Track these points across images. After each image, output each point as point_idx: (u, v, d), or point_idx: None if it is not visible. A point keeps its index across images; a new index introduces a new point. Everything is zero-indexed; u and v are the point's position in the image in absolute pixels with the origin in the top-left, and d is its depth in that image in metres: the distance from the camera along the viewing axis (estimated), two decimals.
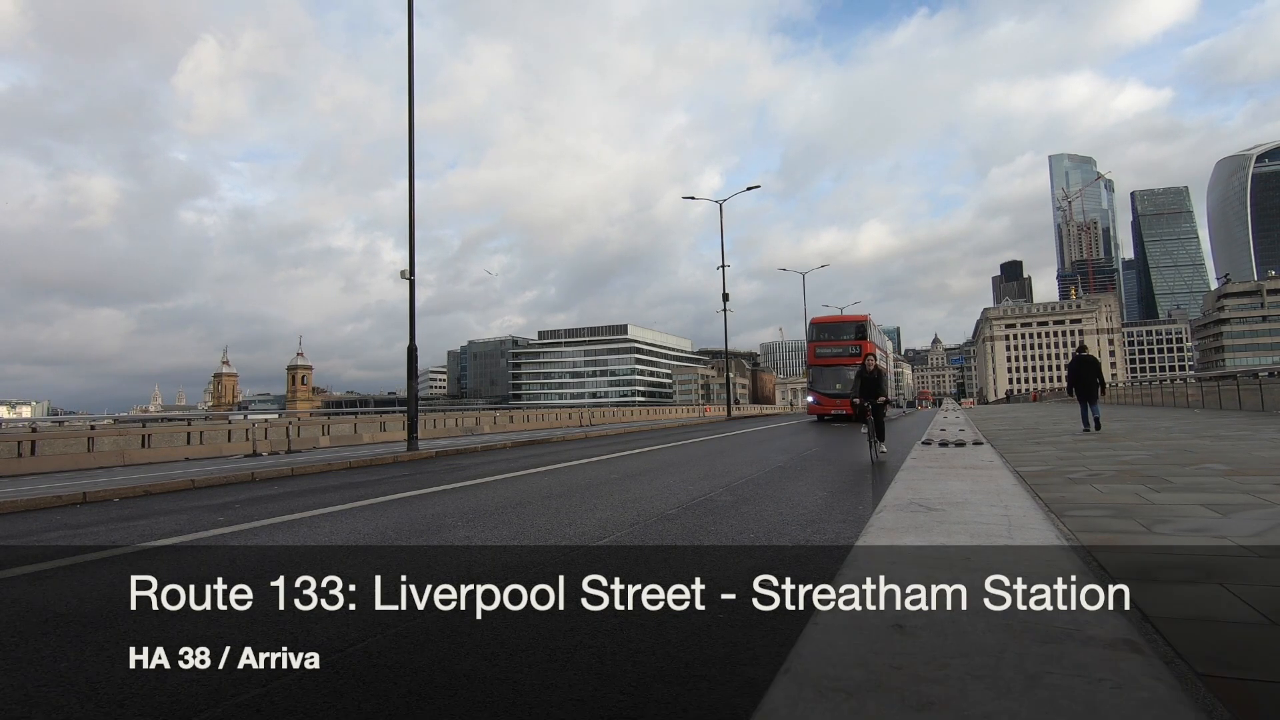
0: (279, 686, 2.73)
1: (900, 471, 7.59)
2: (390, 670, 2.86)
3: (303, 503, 8.22)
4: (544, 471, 10.72)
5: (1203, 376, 32.65)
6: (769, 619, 3.39)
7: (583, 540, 5.29)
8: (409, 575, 4.50)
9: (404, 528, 6.19)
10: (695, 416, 48.86)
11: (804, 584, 3.96)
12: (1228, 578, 3.13)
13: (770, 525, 5.94)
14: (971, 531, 4.08)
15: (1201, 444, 9.83)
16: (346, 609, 3.72)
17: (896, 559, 3.48)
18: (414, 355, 15.62)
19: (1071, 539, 4.00)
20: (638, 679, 2.68)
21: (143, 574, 4.69)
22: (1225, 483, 5.94)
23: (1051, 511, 4.88)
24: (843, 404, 24.13)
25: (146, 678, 2.85)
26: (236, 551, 5.38)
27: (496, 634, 3.26)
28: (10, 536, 6.53)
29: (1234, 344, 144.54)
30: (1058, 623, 2.46)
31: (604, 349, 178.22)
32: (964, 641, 2.32)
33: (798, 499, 7.41)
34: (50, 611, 3.85)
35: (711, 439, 18.17)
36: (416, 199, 16.04)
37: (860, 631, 2.44)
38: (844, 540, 5.06)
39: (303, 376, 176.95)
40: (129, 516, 7.60)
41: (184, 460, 16.19)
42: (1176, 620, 2.63)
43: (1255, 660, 2.25)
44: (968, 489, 5.89)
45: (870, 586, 3.01)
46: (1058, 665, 2.10)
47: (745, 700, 2.39)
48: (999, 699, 1.90)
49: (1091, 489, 5.95)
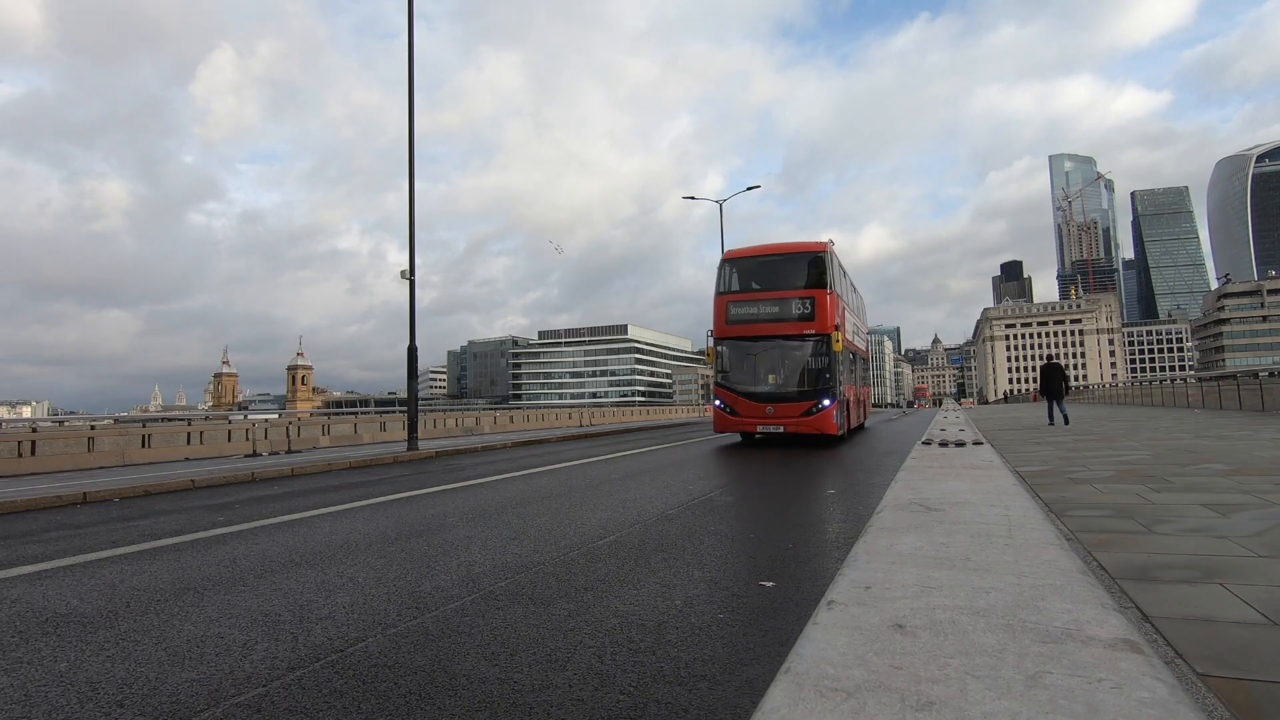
0: (279, 686, 2.72)
1: (900, 471, 7.58)
2: (390, 670, 2.86)
3: (303, 503, 8.21)
4: (544, 471, 10.71)
5: (1203, 376, 32.62)
6: (769, 619, 3.39)
7: (583, 540, 5.29)
8: (409, 575, 4.51)
9: (404, 527, 6.19)
10: (695, 416, 48.94)
11: (804, 583, 3.96)
12: (1228, 578, 3.13)
13: (770, 525, 5.93)
14: (971, 531, 4.08)
15: (1201, 444, 9.83)
16: (347, 609, 3.72)
17: (896, 559, 3.48)
18: (414, 356, 15.60)
19: (1072, 539, 3.99)
20: (638, 679, 2.68)
21: (143, 574, 4.70)
22: (1225, 483, 5.94)
23: (1052, 511, 4.88)
24: (786, 411, 14.56)
25: (146, 678, 2.85)
26: (237, 552, 5.38)
27: (496, 634, 3.26)
28: (10, 536, 6.53)
29: (1234, 344, 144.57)
30: (1058, 623, 2.46)
31: (604, 349, 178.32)
32: (964, 641, 2.32)
33: (796, 498, 7.41)
34: (50, 611, 3.85)
35: (710, 439, 18.16)
36: (422, 202, 16.04)
37: (860, 631, 2.44)
38: (844, 540, 5.06)
39: (303, 376, 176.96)
40: (129, 516, 7.60)
41: (184, 460, 16.18)
42: (1176, 620, 2.63)
43: (1255, 660, 2.25)
44: (968, 489, 5.89)
45: (870, 586, 3.01)
46: (1058, 665, 2.10)
47: (745, 700, 2.39)
48: (999, 699, 1.90)
49: (1092, 489, 5.95)
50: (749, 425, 15.11)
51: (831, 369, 14.43)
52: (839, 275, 15.99)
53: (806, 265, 15.08)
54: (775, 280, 15.46)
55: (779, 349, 14.90)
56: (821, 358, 14.48)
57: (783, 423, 14.51)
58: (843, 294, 16.20)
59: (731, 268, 15.84)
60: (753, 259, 15.99)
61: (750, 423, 15.03)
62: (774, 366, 14.99)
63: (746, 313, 15.28)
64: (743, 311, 15.31)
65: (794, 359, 14.85)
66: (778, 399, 14.67)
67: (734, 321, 15.31)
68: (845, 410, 15.85)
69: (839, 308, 15.21)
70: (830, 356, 14.39)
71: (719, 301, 15.54)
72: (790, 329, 14.72)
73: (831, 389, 14.41)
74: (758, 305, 15.25)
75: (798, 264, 15.25)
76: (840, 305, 15.43)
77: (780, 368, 14.94)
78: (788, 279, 15.22)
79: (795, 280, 15.10)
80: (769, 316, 15.02)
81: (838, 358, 14.59)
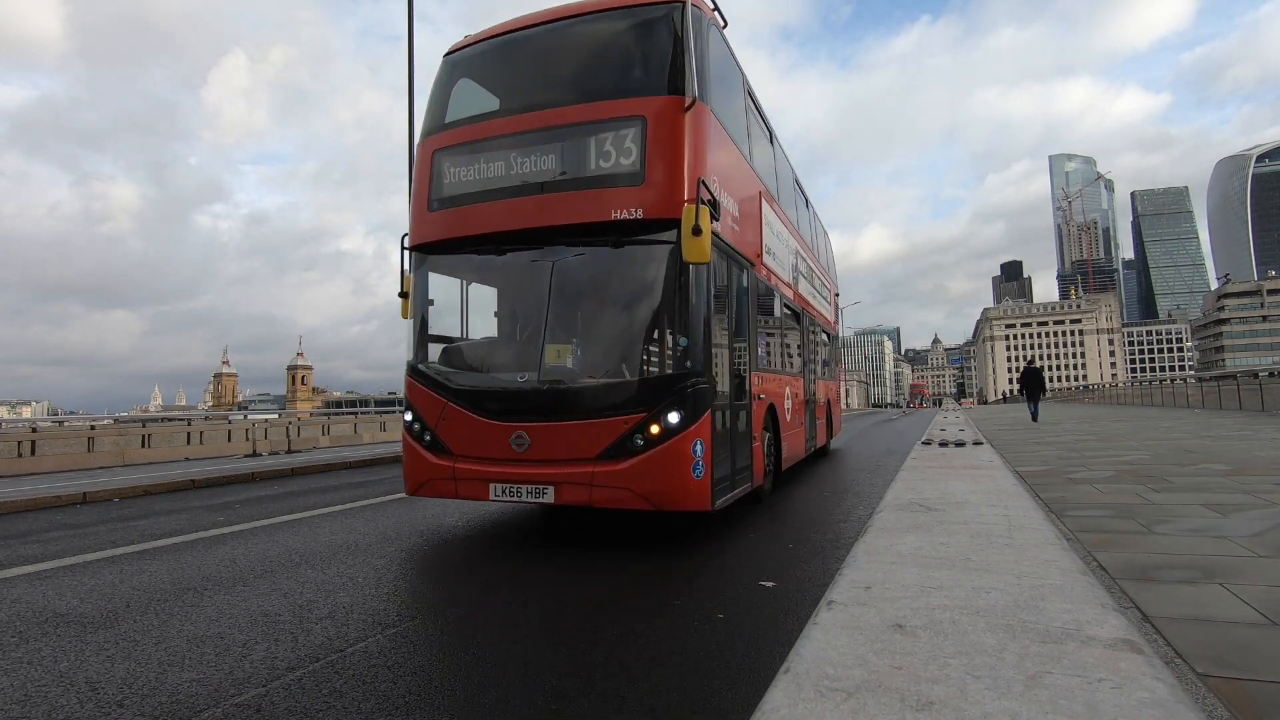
0: (279, 686, 2.72)
1: (900, 471, 7.59)
2: (390, 670, 2.86)
3: (303, 502, 8.22)
4: None
5: (1203, 376, 32.61)
6: (769, 619, 3.40)
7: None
8: (410, 575, 4.51)
9: (404, 527, 6.19)
10: None
11: (804, 583, 3.97)
12: (1228, 578, 3.13)
13: (769, 524, 5.93)
14: (971, 531, 4.08)
15: (1201, 444, 9.83)
16: (347, 609, 3.73)
17: (896, 559, 3.48)
18: None
19: (1072, 539, 4.00)
20: (643, 679, 2.68)
21: (143, 574, 4.70)
22: (1225, 483, 5.94)
23: (1052, 511, 4.88)
24: (559, 444, 5.09)
25: (146, 678, 2.85)
26: (237, 552, 5.38)
27: (496, 630, 3.26)
28: (10, 536, 6.53)
29: (1234, 344, 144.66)
30: (1058, 623, 2.46)
31: None
32: (964, 641, 2.32)
33: (797, 498, 7.41)
34: (50, 611, 3.85)
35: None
36: None
37: (860, 631, 2.44)
38: (844, 540, 5.06)
39: (303, 376, 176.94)
40: (129, 516, 7.60)
41: (184, 460, 16.18)
42: (1176, 620, 2.63)
43: (1255, 660, 2.25)
44: (968, 489, 5.89)
45: (870, 586, 3.01)
46: (1058, 665, 2.10)
47: (745, 700, 2.39)
48: (999, 699, 1.90)
49: (1092, 489, 5.95)
50: (475, 476, 5.46)
51: (694, 320, 5.17)
52: (728, 85, 6.78)
53: (629, 44, 5.98)
54: (551, 91, 6.07)
55: (548, 269, 5.61)
56: (665, 289, 5.21)
57: (552, 475, 5.18)
58: (742, 142, 6.96)
59: (458, 72, 6.52)
60: (507, 44, 6.41)
61: (477, 471, 5.46)
62: (535, 318, 5.73)
63: (479, 177, 5.91)
64: (470, 174, 5.96)
65: (588, 297, 5.83)
66: (538, 410, 5.32)
67: (448, 203, 6.01)
68: (742, 435, 6.15)
69: (714, 159, 5.67)
70: (689, 281, 5.15)
71: (423, 156, 6.27)
72: (578, 210, 5.39)
73: (692, 380, 5.08)
74: (507, 157, 5.79)
75: (603, 41, 6.09)
76: (729, 156, 6.30)
77: (553, 324, 5.60)
78: (577, 82, 6.01)
79: (595, 83, 5.93)
80: (529, 182, 5.67)
81: (713, 293, 5.44)
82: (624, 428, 4.87)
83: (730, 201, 6.03)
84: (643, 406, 4.87)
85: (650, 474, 4.78)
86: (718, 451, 5.16)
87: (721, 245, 5.63)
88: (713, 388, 5.14)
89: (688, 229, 4.75)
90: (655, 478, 4.79)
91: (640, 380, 5.04)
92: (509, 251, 5.61)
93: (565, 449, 5.01)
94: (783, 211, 8.95)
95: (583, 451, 4.95)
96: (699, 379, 4.96)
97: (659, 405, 4.85)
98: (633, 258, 5.27)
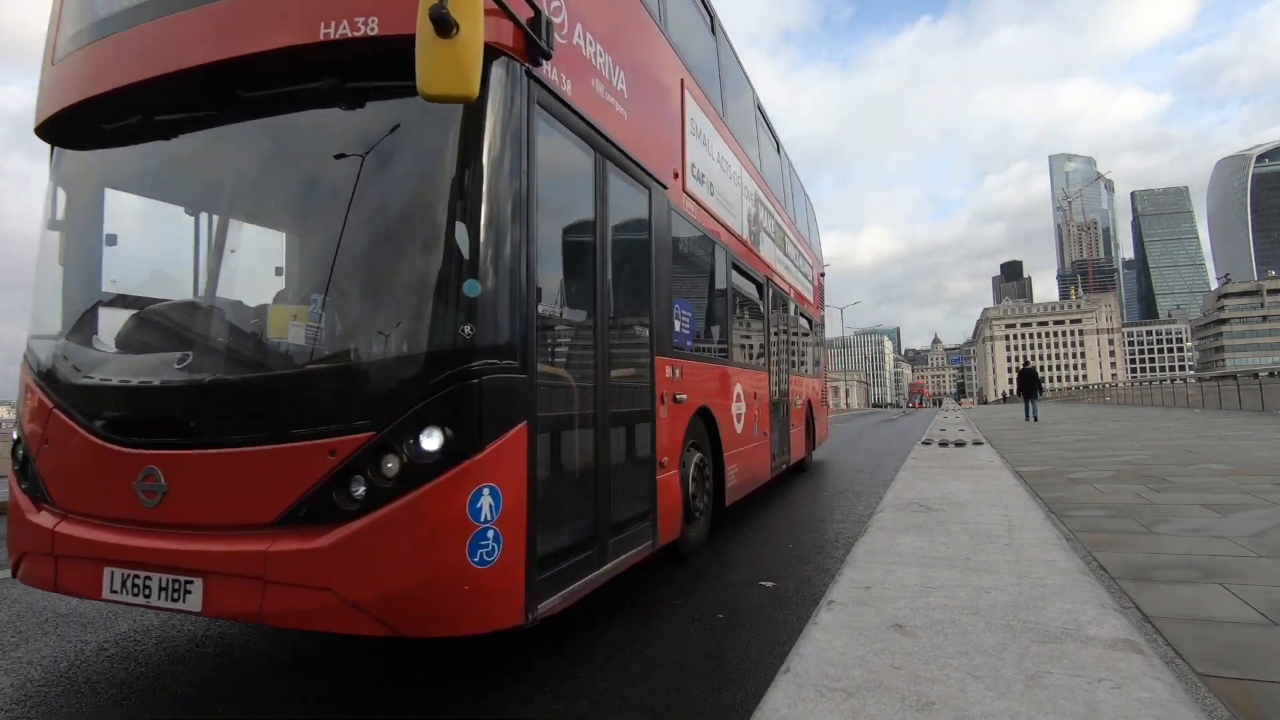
0: (279, 686, 2.72)
1: (900, 471, 7.59)
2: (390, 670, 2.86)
3: None
4: None
5: (1203, 376, 32.63)
6: (769, 619, 3.40)
7: None
8: None
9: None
10: None
11: (804, 583, 3.97)
12: (1228, 578, 3.13)
13: (769, 525, 5.93)
14: (971, 531, 4.09)
15: (1201, 444, 9.83)
16: None
17: (896, 559, 3.48)
18: None
19: (1072, 539, 4.00)
20: (643, 679, 2.68)
21: None
22: (1225, 483, 5.94)
23: (1052, 511, 4.88)
24: (202, 506, 2.57)
25: (147, 678, 2.85)
26: None
27: None
28: None
29: (1234, 344, 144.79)
30: (1058, 623, 2.47)
31: None
32: (964, 641, 2.32)
33: (796, 499, 7.41)
34: (50, 611, 3.85)
35: None
36: None
37: (860, 631, 2.44)
38: (844, 540, 5.06)
39: None
40: None
41: None
42: (1176, 620, 2.63)
43: (1255, 660, 2.25)
44: (968, 489, 5.90)
45: (870, 586, 3.01)
46: (1057, 665, 2.10)
47: (745, 700, 2.40)
48: (999, 699, 1.90)
49: (1091, 489, 5.95)
50: (82, 552, 2.74)
51: (488, 245, 2.53)
52: None
53: None
54: None
55: (221, 157, 3.07)
56: (432, 182, 2.68)
57: (199, 556, 2.53)
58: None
59: None
60: None
61: (86, 543, 2.73)
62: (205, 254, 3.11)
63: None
64: None
65: (285, 206, 3.30)
66: (183, 424, 2.69)
67: (73, 42, 3.23)
68: (624, 466, 3.61)
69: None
70: (487, 168, 2.55)
71: None
72: (262, 26, 2.69)
73: (479, 364, 2.49)
74: None
75: None
76: None
77: (226, 263, 3.06)
78: None
79: None
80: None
81: (540, 196, 2.79)
82: (328, 462, 2.44)
83: (608, 61, 3.64)
84: (368, 416, 2.45)
85: (375, 560, 2.35)
86: (543, 505, 2.69)
87: (580, 118, 3.23)
88: (531, 380, 2.66)
89: (424, 22, 2.20)
90: (385, 568, 2.34)
91: (368, 365, 2.61)
92: (160, 124, 3.05)
93: (222, 503, 2.58)
94: (730, 134, 6.33)
95: (253, 508, 2.53)
96: (494, 361, 2.51)
97: (400, 415, 2.42)
98: (364, 123, 2.77)
